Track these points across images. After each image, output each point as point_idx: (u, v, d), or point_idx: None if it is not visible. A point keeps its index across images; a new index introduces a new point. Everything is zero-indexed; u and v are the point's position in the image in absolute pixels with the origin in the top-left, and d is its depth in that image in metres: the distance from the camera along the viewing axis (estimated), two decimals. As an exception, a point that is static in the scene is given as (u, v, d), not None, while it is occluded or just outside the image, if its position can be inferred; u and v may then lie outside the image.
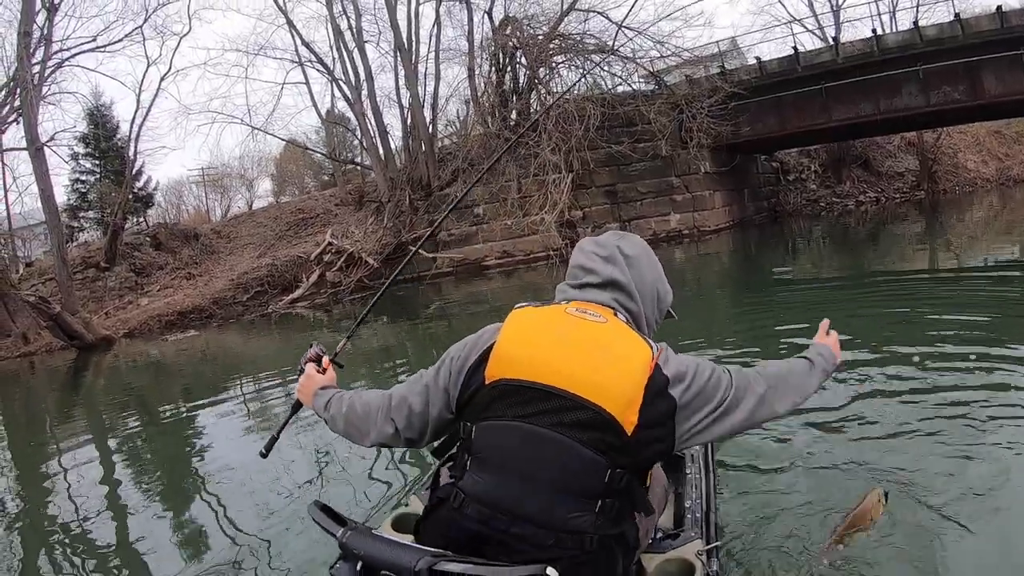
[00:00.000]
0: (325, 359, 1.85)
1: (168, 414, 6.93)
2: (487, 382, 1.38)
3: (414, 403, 1.51)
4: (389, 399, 1.56)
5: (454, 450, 1.49)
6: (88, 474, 5.00)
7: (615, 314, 1.46)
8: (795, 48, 18.91)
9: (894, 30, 21.27)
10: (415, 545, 1.35)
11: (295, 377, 1.91)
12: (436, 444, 1.58)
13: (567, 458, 1.32)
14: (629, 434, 1.31)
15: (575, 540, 1.31)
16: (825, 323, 1.82)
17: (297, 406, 1.88)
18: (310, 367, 1.82)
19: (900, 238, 14.39)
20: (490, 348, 1.41)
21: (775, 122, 18.96)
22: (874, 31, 18.09)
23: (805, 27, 26.20)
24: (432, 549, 1.28)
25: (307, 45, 22.25)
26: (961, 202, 20.85)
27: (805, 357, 1.65)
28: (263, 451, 1.94)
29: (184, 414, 6.81)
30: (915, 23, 17.69)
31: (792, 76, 18.19)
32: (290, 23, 21.79)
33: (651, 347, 1.39)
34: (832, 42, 19.10)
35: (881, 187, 24.73)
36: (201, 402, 7.22)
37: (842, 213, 22.17)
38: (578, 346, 1.37)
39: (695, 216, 19.03)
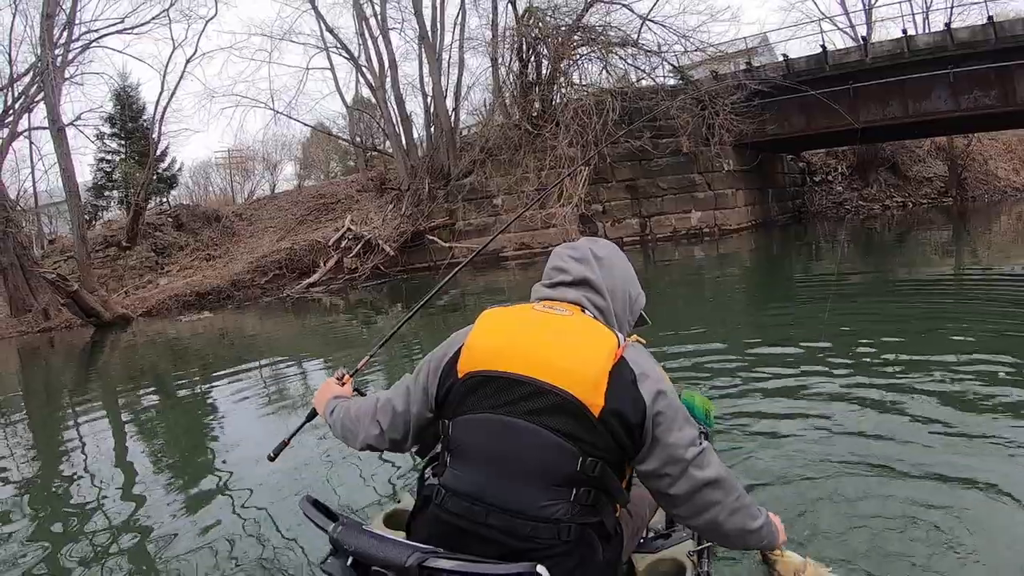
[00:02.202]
0: (346, 375, 1.97)
1: (181, 393, 6.98)
2: (460, 376, 1.44)
3: (397, 404, 1.60)
4: (376, 402, 1.67)
5: (437, 450, 1.54)
6: (101, 447, 5.05)
7: (583, 310, 1.51)
8: (823, 46, 18.58)
9: (926, 31, 20.84)
10: (406, 541, 1.37)
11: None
12: (419, 447, 1.67)
13: (539, 446, 1.34)
14: (596, 416, 1.33)
15: (552, 529, 1.34)
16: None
17: (312, 414, 1.99)
18: (330, 380, 1.95)
19: (926, 245, 14.12)
20: (462, 346, 1.48)
21: (801, 121, 18.68)
22: (904, 31, 17.73)
23: (836, 25, 25.76)
24: (423, 545, 1.30)
25: (332, 31, 22.34)
26: (990, 211, 20.41)
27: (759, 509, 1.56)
28: (271, 455, 2.01)
29: (197, 393, 6.86)
30: (947, 25, 17.26)
31: (820, 75, 17.88)
32: (315, 8, 21.88)
33: (617, 337, 1.42)
34: (862, 41, 18.74)
35: (908, 192, 24.29)
36: (215, 382, 7.26)
37: (868, 217, 21.83)
38: (544, 335, 1.42)
39: (716, 214, 18.81)
